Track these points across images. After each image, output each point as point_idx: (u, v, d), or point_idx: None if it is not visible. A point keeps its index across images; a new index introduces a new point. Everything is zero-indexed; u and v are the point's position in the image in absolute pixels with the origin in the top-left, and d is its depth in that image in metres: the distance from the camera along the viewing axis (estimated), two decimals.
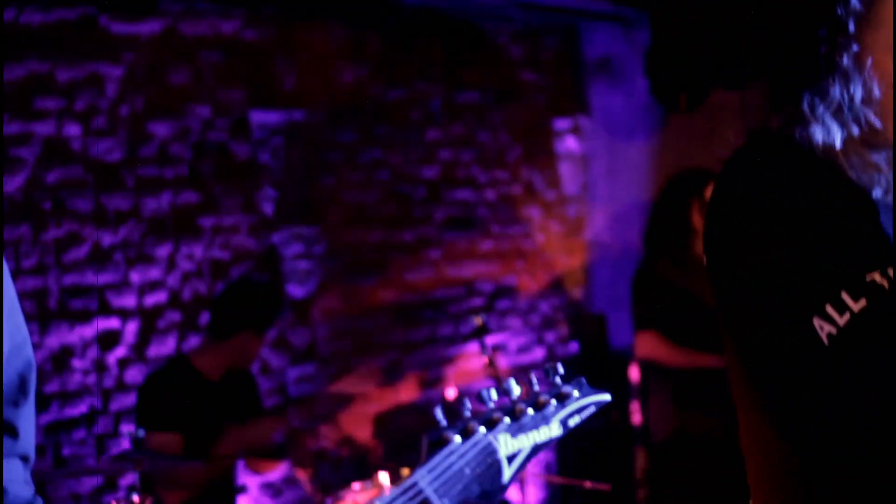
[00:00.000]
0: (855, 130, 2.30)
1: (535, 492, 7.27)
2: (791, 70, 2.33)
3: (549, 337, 7.63)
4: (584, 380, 2.06)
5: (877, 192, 2.29)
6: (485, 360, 5.62)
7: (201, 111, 6.02)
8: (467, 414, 1.97)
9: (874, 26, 2.31)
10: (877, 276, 2.08)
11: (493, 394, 1.98)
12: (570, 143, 7.87)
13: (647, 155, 7.60)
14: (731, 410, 2.45)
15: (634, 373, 6.23)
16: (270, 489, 6.13)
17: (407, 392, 6.42)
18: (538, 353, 7.58)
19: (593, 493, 5.66)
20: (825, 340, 2.10)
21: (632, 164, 7.52)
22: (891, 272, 2.09)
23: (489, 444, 1.94)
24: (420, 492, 1.93)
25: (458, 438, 1.94)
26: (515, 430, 1.97)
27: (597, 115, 7.87)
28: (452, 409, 2.00)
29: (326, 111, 6.55)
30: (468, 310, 7.01)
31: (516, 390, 2.00)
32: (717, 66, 6.57)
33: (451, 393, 6.04)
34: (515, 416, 1.98)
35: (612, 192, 7.66)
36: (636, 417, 6.36)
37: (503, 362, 7.09)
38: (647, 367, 5.97)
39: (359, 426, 5.65)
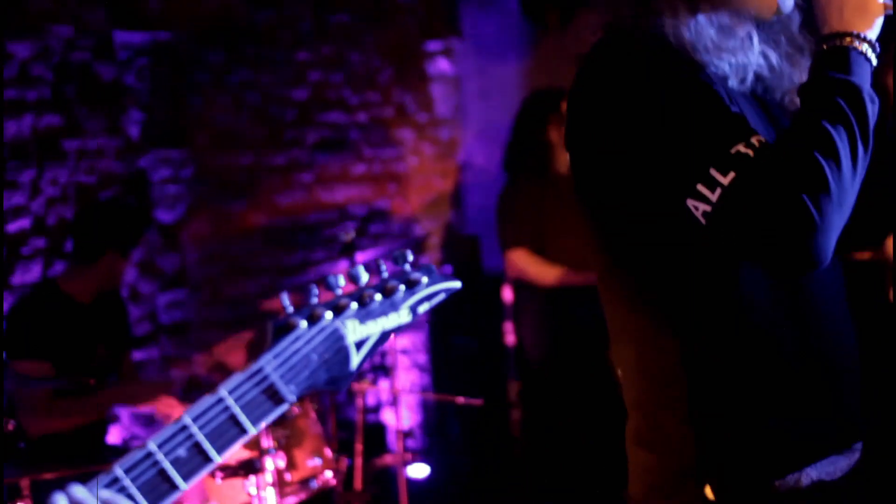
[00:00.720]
0: (706, 17, 2.30)
1: (410, 415, 7.28)
2: None
3: (423, 260, 7.59)
4: (433, 267, 2.02)
5: (732, 82, 2.30)
6: None
7: (63, 31, 5.85)
8: (314, 301, 1.91)
9: None
10: (741, 147, 2.08)
11: (341, 280, 1.93)
12: (442, 65, 7.81)
13: (519, 76, 7.58)
14: (603, 326, 2.44)
15: (507, 294, 6.24)
16: (142, 418, 6.04)
17: None
18: None
19: (467, 409, 5.67)
20: (702, 220, 2.09)
21: (504, 86, 7.50)
22: (755, 140, 2.09)
23: (336, 330, 1.89)
24: (265, 377, 1.88)
25: (304, 324, 1.88)
26: (363, 317, 1.92)
27: (469, 37, 7.82)
28: (300, 297, 1.95)
29: (193, 31, 6.42)
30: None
31: (364, 277, 1.95)
32: None
33: None
34: (363, 302, 1.93)
35: (485, 114, 7.64)
36: (510, 338, 6.38)
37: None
38: (519, 286, 5.99)
39: (231, 353, 5.59)
